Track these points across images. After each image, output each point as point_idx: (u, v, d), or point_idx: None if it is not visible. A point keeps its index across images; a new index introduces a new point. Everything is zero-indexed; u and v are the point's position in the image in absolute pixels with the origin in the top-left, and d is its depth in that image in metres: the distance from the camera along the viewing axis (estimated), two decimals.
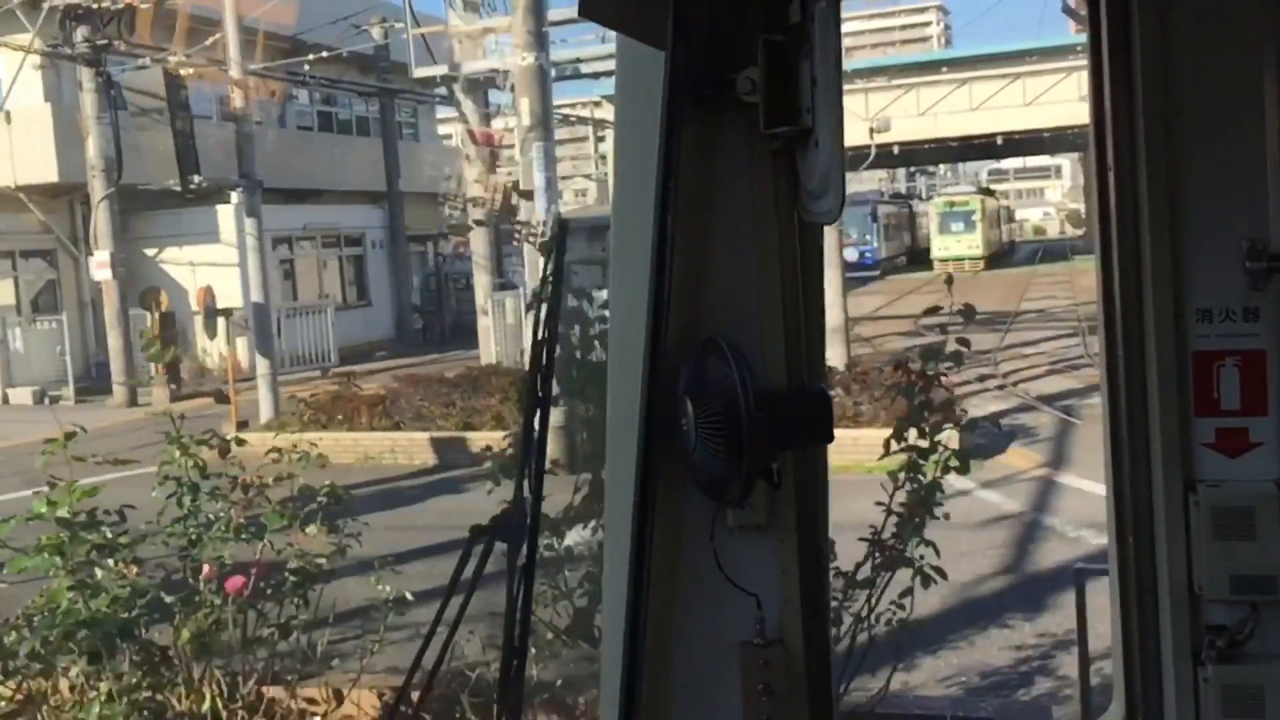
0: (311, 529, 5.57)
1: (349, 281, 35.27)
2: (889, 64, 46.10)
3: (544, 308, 2.12)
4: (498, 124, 25.07)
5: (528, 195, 15.92)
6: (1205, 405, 2.12)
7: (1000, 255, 64.53)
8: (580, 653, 5.44)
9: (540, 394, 2.13)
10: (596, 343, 5.73)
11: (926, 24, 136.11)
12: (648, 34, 1.72)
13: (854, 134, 33.52)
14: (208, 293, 23.55)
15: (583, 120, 52.21)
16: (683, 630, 1.86)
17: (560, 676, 5.49)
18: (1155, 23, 2.04)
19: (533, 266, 15.54)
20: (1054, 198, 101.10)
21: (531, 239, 14.77)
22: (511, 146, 19.16)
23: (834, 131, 1.61)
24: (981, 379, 20.80)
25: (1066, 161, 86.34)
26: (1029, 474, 13.75)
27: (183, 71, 20.75)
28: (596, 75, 24.57)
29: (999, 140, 53.47)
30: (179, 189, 19.74)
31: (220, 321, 23.29)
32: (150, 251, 29.11)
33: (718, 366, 1.71)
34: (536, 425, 2.12)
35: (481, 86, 22.63)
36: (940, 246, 56.66)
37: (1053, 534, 11.14)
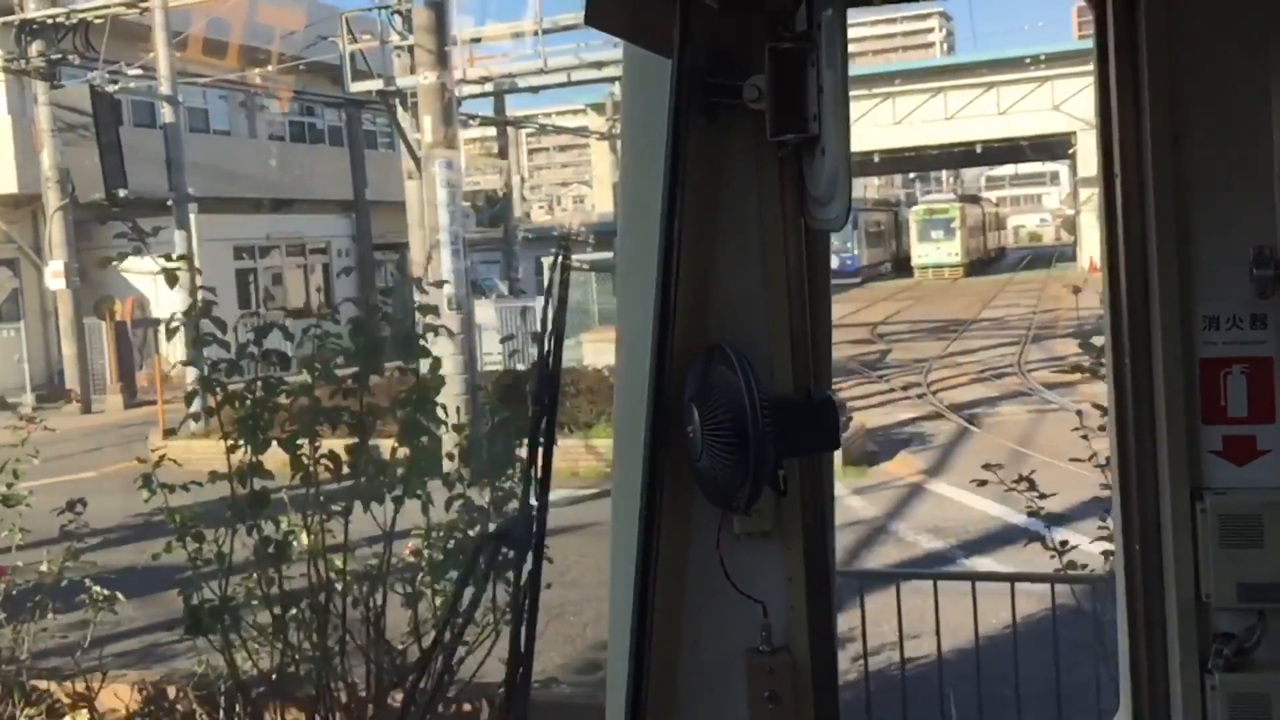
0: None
1: (315, 290, 35.63)
2: (857, 74, 46.39)
3: (549, 319, 2.11)
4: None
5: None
6: (1212, 413, 2.09)
7: (986, 262, 64.80)
8: None
9: (544, 405, 2.10)
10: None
11: (929, 30, 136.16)
12: (654, 42, 1.73)
13: None
14: (135, 303, 23.93)
15: (559, 129, 52.58)
16: (689, 637, 1.86)
17: None
18: (1162, 29, 2.01)
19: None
20: (1052, 204, 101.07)
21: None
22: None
23: (841, 139, 1.62)
24: (906, 387, 21.12)
25: (1063, 168, 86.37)
26: (903, 480, 14.06)
27: (111, 86, 21.25)
28: (535, 89, 24.94)
29: (978, 149, 53.70)
30: (105, 202, 20.20)
31: (149, 332, 23.64)
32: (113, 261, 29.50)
33: (724, 373, 1.71)
34: (541, 436, 2.10)
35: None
36: (920, 254, 56.98)
37: (892, 538, 11.51)
